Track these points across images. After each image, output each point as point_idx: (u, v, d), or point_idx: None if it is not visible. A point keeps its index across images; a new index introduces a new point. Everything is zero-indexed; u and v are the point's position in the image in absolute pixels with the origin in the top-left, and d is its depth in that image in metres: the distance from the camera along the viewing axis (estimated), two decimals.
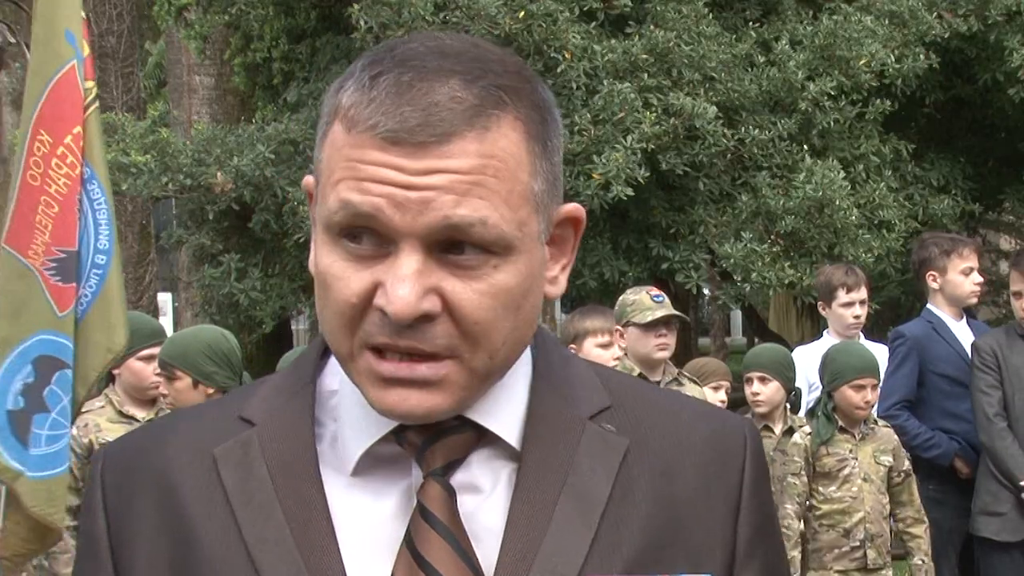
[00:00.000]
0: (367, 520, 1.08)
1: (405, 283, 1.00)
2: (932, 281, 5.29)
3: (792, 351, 5.40)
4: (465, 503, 1.08)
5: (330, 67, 8.70)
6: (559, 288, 1.12)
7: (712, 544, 1.12)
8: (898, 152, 8.33)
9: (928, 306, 5.34)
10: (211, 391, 3.99)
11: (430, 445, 1.08)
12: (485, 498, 1.09)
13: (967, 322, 5.31)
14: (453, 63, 1.04)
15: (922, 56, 7.79)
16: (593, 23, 7.65)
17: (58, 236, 3.18)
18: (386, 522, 1.08)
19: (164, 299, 13.88)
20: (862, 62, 7.56)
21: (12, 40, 9.77)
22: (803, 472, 4.48)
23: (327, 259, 1.04)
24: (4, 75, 10.08)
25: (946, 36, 7.90)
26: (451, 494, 1.07)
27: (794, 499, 4.47)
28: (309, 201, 1.12)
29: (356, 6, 7.41)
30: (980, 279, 5.23)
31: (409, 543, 1.05)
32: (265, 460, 1.10)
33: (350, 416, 1.11)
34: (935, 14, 7.93)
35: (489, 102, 1.03)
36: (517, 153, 1.04)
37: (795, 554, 4.47)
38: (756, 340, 10.83)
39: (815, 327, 10.43)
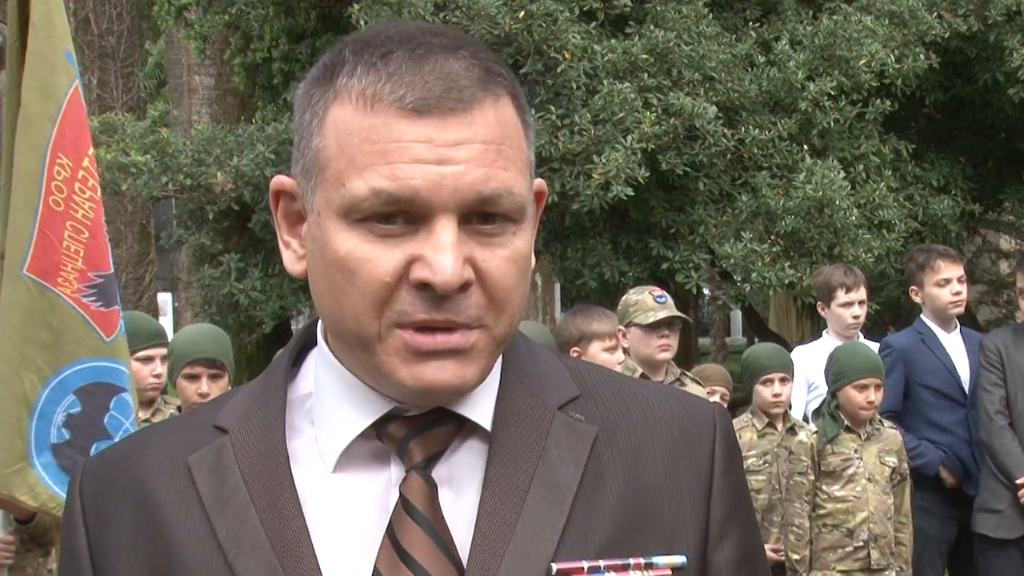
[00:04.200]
0: (346, 516, 1.09)
1: (448, 253, 1.02)
2: (915, 295, 5.33)
3: (791, 351, 5.41)
4: (445, 495, 1.09)
5: None
6: (533, 260, 1.15)
7: (685, 525, 1.13)
8: (898, 152, 8.32)
9: (920, 316, 5.36)
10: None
11: (412, 438, 1.09)
12: (463, 490, 1.10)
13: (960, 332, 5.31)
14: (450, 40, 1.06)
15: (922, 56, 7.78)
16: (593, 23, 7.64)
17: (91, 261, 3.11)
18: (366, 517, 1.09)
19: (164, 299, 13.88)
20: (862, 62, 7.56)
21: None
22: (810, 471, 4.48)
23: (348, 243, 1.04)
24: (4, 75, 10.05)
25: (946, 36, 7.89)
26: (433, 487, 1.08)
27: (802, 497, 4.47)
28: (277, 199, 1.13)
29: (356, 6, 7.40)
30: (960, 288, 5.20)
31: (392, 536, 1.06)
32: (239, 465, 1.11)
33: (328, 415, 1.12)
34: (935, 14, 7.92)
35: (494, 73, 1.06)
36: (517, 123, 1.08)
37: (805, 553, 4.47)
38: (756, 340, 10.81)
39: (815, 327, 10.42)
